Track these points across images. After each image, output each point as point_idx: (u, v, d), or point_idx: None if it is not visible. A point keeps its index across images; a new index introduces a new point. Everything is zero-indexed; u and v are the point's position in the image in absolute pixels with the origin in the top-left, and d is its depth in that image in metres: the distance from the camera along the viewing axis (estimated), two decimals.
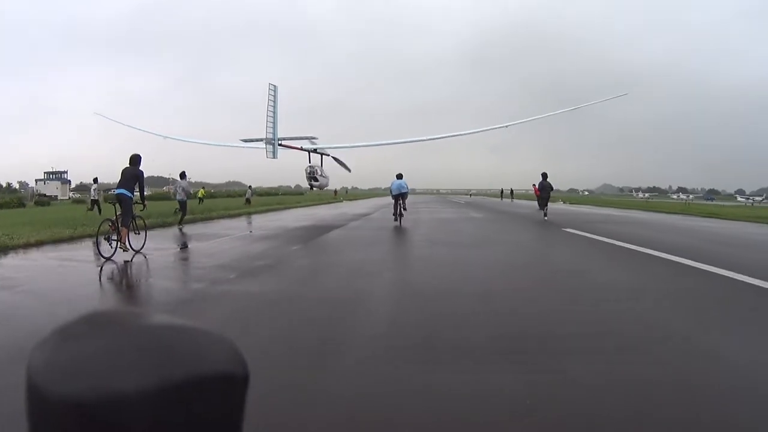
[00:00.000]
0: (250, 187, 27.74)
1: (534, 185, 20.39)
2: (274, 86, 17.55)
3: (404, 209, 13.79)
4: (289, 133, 19.01)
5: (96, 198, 18.57)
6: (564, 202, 38.23)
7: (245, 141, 20.54)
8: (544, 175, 16.08)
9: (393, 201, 13.81)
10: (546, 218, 15.48)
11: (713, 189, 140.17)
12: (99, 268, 6.38)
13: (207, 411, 0.30)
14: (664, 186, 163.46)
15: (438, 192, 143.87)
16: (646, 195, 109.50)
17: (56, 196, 51.05)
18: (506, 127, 21.02)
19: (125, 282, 5.63)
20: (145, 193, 7.71)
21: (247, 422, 0.33)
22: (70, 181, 61.61)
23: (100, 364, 0.28)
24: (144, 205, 7.82)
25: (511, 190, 50.88)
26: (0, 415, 1.80)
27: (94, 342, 0.30)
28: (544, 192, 15.96)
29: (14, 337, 3.25)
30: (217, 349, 0.32)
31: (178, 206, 13.33)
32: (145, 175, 7.49)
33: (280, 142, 18.08)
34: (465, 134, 23.50)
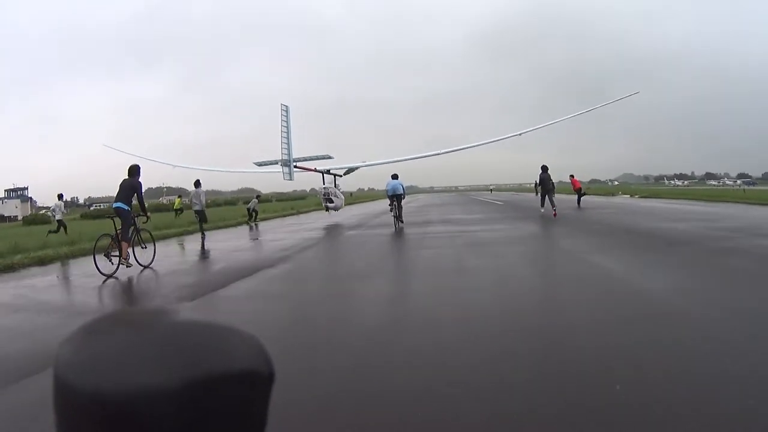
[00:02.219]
0: (257, 197, 20.07)
1: (571, 176, 19.22)
2: (286, 106, 16.93)
3: (401, 217, 12.64)
4: (303, 150, 18.66)
5: (60, 218, 14.49)
6: (632, 196, 28.26)
7: (259, 164, 20.18)
8: (544, 168, 14.66)
9: (389, 204, 13.01)
10: (544, 211, 14.25)
11: (744, 173, 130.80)
12: (99, 286, 5.86)
13: (231, 408, 0.30)
14: (686, 172, 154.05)
15: (457, 189, 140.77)
16: (685, 182, 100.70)
17: (16, 216, 45.53)
18: (520, 135, 20.69)
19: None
20: (145, 204, 7.20)
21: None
22: (31, 198, 56.74)
23: (125, 360, 0.29)
24: (147, 217, 7.31)
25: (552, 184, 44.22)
26: None
27: (120, 338, 0.30)
28: (544, 186, 14.63)
29: None
30: (242, 347, 0.32)
31: (195, 216, 12.97)
32: (143, 188, 6.98)
33: (295, 164, 17.60)
34: (479, 145, 23.44)
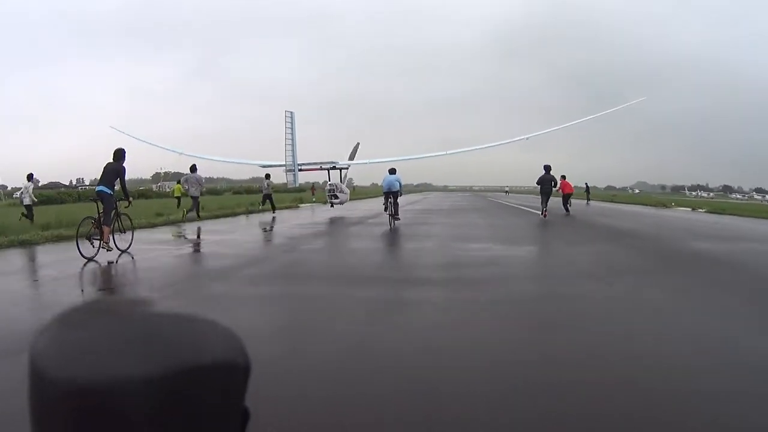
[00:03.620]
0: (267, 176, 17.89)
1: (563, 177, 17.34)
2: (291, 112, 16.91)
3: (396, 214, 11.59)
4: (310, 154, 18.70)
5: (29, 203, 12.76)
6: (693, 209, 21.94)
7: (263, 166, 20.26)
8: (547, 168, 13.84)
9: (384, 200, 11.90)
10: (545, 217, 13.67)
11: (760, 188, 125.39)
12: (81, 268, 6.02)
13: (206, 399, 0.30)
14: (701, 183, 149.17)
15: (471, 189, 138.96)
16: (711, 194, 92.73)
17: None
18: (527, 139, 20.57)
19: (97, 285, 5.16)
20: (127, 189, 7.31)
21: None
22: None
23: (100, 351, 0.29)
24: (129, 202, 7.41)
25: (587, 187, 31.51)
26: None
27: (95, 329, 0.30)
28: (545, 187, 13.84)
29: None
30: (219, 339, 0.32)
31: (184, 210, 13.09)
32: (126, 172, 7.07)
33: (300, 168, 17.59)
34: (485, 147, 23.33)
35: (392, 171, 12.31)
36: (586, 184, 31.82)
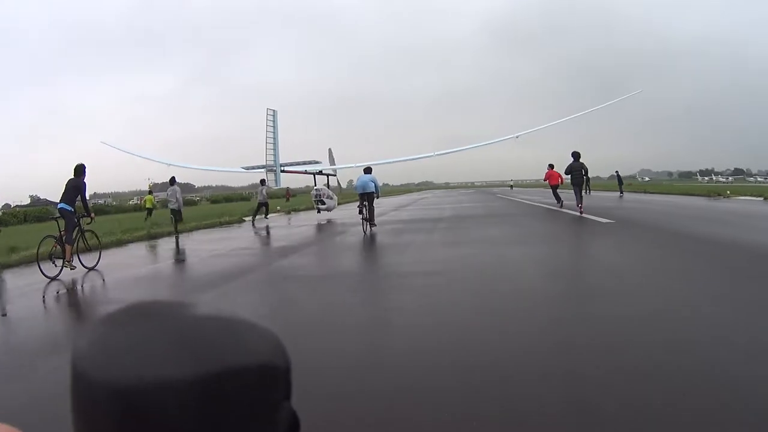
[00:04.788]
0: (262, 182, 17.01)
1: (551, 166, 15.53)
2: (273, 111, 16.65)
3: (372, 220, 10.28)
4: (289, 155, 18.58)
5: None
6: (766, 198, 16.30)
7: (246, 168, 20.13)
8: (576, 155, 11.91)
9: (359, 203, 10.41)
10: (581, 213, 11.35)
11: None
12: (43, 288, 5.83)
13: (245, 400, 0.30)
14: (707, 168, 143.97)
15: (473, 185, 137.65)
16: (729, 179, 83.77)
17: None
18: (516, 137, 20.14)
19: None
20: (89, 205, 7.13)
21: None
22: None
23: (142, 352, 0.29)
24: (91, 218, 7.20)
25: (618, 176, 25.71)
26: None
27: (138, 330, 0.30)
28: (575, 177, 11.73)
29: None
30: (259, 340, 0.32)
31: (171, 216, 12.89)
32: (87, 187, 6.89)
33: (282, 168, 17.32)
34: (475, 147, 23.09)
35: (367, 170, 10.83)
36: (616, 172, 26.79)
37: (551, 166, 15.46)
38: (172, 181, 12.79)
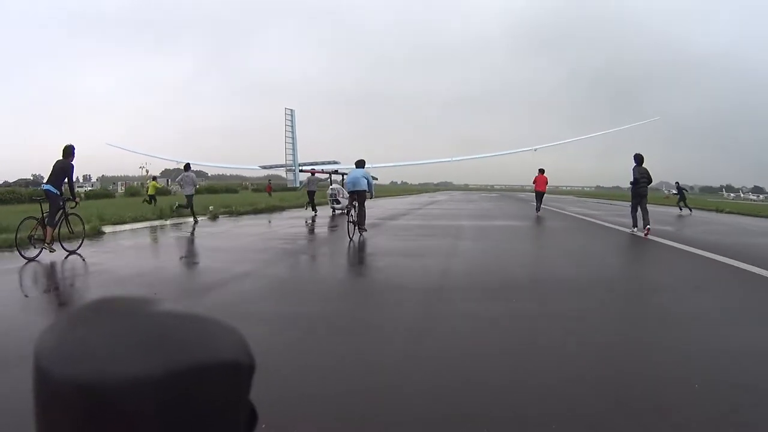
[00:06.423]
0: (312, 173, 16.33)
1: (541, 171, 14.76)
2: (291, 110, 16.70)
3: (362, 224, 8.61)
4: (309, 155, 18.59)
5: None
6: None
7: (264, 167, 20.23)
8: (639, 159, 9.60)
9: (350, 204, 8.90)
10: (636, 230, 9.45)
11: None
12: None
13: (210, 398, 0.30)
14: (715, 184, 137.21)
15: (492, 188, 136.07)
16: (760, 197, 73.25)
17: None
18: (534, 150, 20.33)
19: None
20: (75, 188, 7.01)
21: None
22: None
23: (106, 349, 0.29)
24: (76, 202, 7.07)
25: (678, 188, 20.57)
26: None
27: (101, 327, 0.30)
28: (642, 187, 9.56)
29: None
30: (224, 338, 0.32)
31: (176, 203, 13.30)
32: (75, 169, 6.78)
33: (301, 168, 17.17)
34: (492, 156, 23.29)
35: (360, 164, 9.08)
36: (677, 183, 21.32)
37: (542, 171, 14.87)
38: (187, 167, 12.92)
